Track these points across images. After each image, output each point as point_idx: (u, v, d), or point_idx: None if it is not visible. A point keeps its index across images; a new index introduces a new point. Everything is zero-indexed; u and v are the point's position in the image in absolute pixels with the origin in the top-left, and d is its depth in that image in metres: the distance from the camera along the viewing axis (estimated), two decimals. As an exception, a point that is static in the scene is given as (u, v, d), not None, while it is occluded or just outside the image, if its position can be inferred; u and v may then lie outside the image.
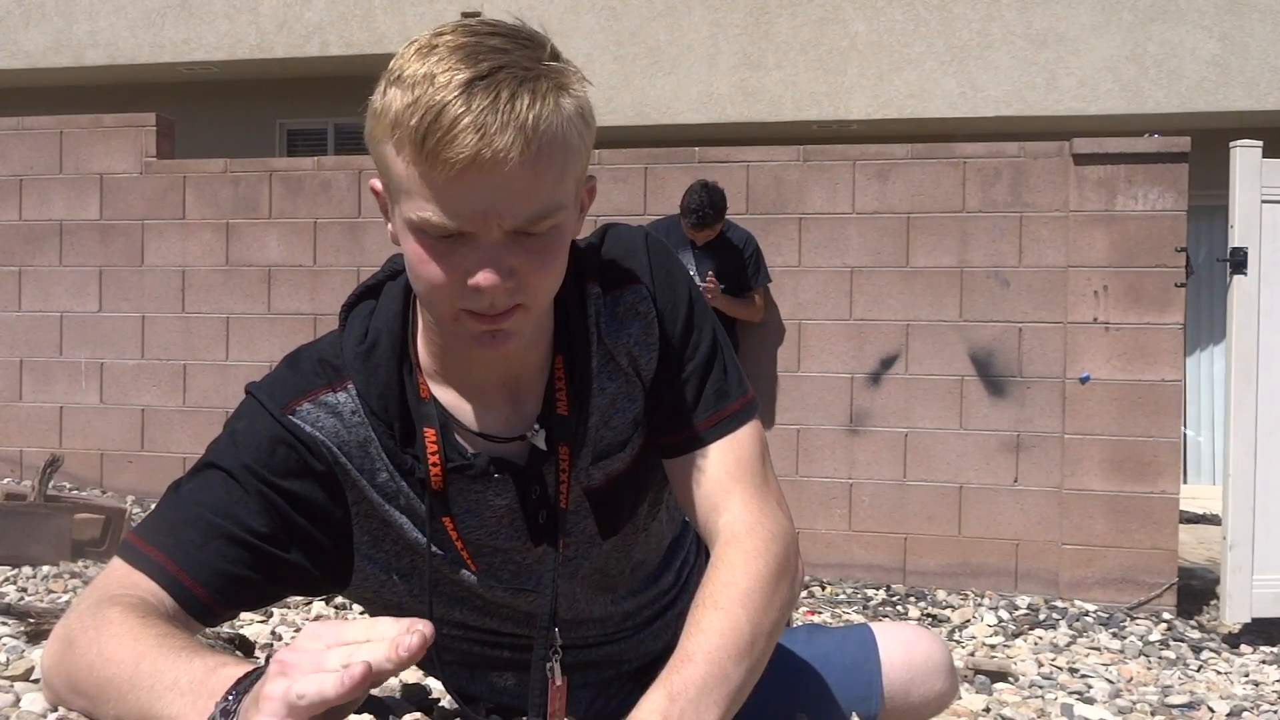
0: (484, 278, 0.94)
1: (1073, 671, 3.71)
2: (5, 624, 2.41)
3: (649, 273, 1.13)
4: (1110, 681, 3.57)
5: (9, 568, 3.95)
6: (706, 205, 4.62)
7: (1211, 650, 4.16)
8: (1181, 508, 4.83)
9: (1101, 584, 4.64)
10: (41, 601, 3.49)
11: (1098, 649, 4.04)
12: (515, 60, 0.92)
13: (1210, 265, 7.28)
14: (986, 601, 4.60)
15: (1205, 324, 8.05)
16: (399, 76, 0.92)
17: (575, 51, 6.72)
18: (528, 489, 1.10)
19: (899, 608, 4.50)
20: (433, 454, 1.06)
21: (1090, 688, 3.46)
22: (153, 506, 1.09)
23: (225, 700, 0.79)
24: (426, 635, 0.71)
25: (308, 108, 8.71)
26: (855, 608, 4.45)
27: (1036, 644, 4.05)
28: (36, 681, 1.43)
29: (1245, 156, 4.37)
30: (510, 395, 1.10)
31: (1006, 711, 2.99)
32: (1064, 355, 4.68)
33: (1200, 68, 7.49)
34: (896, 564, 4.86)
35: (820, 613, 4.32)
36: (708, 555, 1.06)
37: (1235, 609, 4.37)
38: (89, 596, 0.98)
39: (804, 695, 1.32)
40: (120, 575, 1.00)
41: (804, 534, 4.70)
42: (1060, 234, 4.70)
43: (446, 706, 1.31)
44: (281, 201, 5.35)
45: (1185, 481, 7.53)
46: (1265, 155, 4.38)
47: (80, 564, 4.07)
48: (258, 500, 1.03)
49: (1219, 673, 3.89)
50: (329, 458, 1.06)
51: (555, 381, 1.10)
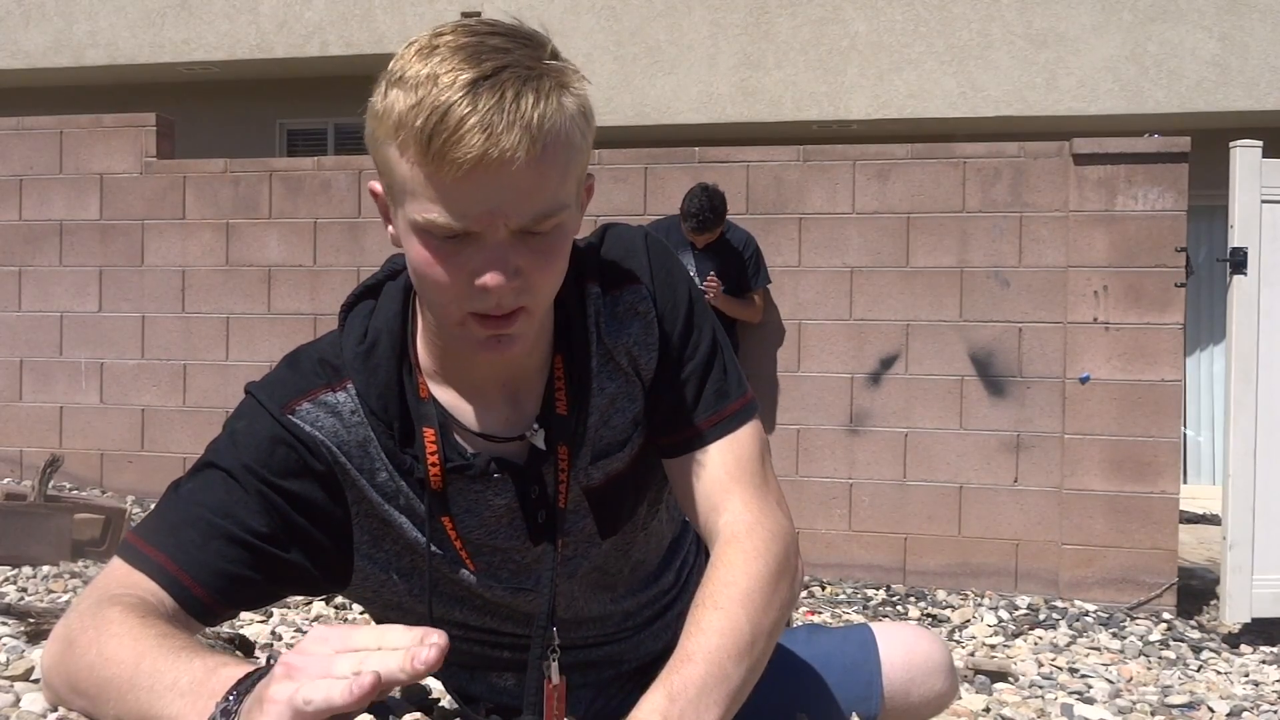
0: (491, 278, 0.93)
1: (1073, 671, 3.70)
2: (5, 624, 2.41)
3: (649, 273, 1.12)
4: (1110, 681, 3.57)
5: (9, 568, 3.95)
6: (707, 209, 4.62)
7: (1211, 650, 4.15)
8: (1181, 508, 4.83)
9: (1101, 584, 4.64)
10: (41, 601, 3.49)
11: (1098, 649, 4.04)
12: (518, 60, 0.91)
13: (1210, 265, 7.29)
14: (986, 601, 4.60)
15: (1205, 324, 8.04)
16: (400, 77, 0.92)
17: (575, 51, 6.71)
18: (527, 488, 1.10)
19: (899, 608, 4.50)
20: (432, 454, 1.06)
21: (1090, 688, 3.46)
22: (153, 506, 1.09)
23: (226, 700, 0.79)
24: (443, 647, 0.71)
25: (308, 108, 8.71)
26: (855, 608, 4.45)
27: (1036, 644, 4.05)
28: (36, 681, 1.43)
29: (1245, 156, 4.37)
30: (510, 395, 1.10)
31: (1006, 711, 2.99)
32: (1064, 355, 4.68)
33: (1200, 68, 7.49)
34: (896, 564, 4.86)
35: (820, 613, 4.32)
36: (708, 555, 1.06)
37: (1235, 609, 4.37)
38: (89, 596, 0.98)
39: (804, 695, 1.32)
40: (120, 575, 1.00)
41: (804, 534, 4.70)
42: (1060, 234, 4.70)
43: (446, 706, 1.31)
44: (281, 201, 5.35)
45: (1185, 481, 7.53)
46: (1265, 155, 4.39)
47: (80, 564, 4.07)
48: (257, 500, 1.03)
49: (1219, 673, 3.89)
50: (329, 457, 1.06)
51: (555, 381, 1.10)
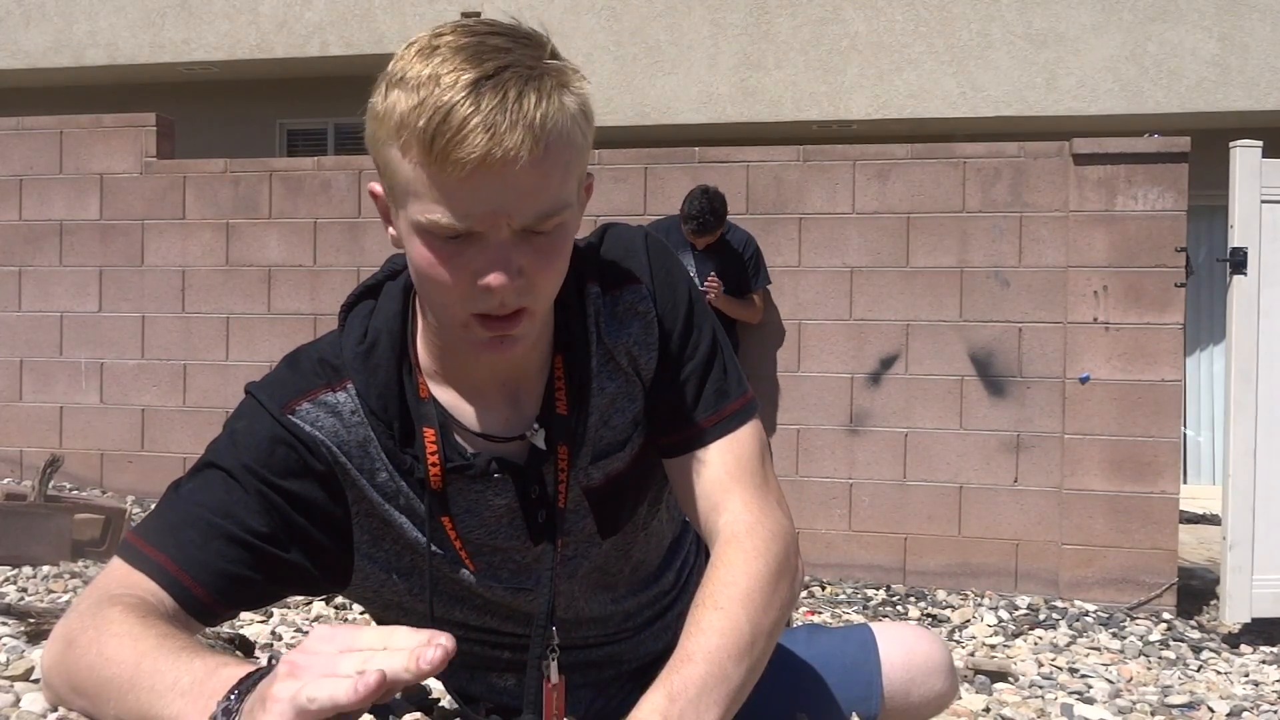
0: (495, 278, 0.94)
1: (1073, 671, 3.70)
2: (5, 624, 2.41)
3: (649, 272, 1.12)
4: (1110, 681, 3.57)
5: (9, 568, 3.95)
6: (707, 212, 4.62)
7: (1211, 650, 4.15)
8: (1181, 508, 4.83)
9: (1101, 584, 4.64)
10: (41, 601, 3.49)
11: (1098, 649, 4.04)
12: (519, 59, 0.91)
13: (1210, 265, 7.28)
14: (986, 601, 4.60)
15: (1205, 324, 8.04)
16: (401, 78, 0.92)
17: (575, 51, 6.71)
18: (527, 488, 1.10)
19: (899, 608, 4.50)
20: (432, 454, 1.06)
21: (1090, 688, 3.46)
22: (153, 506, 1.09)
23: (227, 700, 0.79)
24: (449, 649, 0.70)
25: (308, 108, 8.70)
26: (855, 608, 4.45)
27: (1036, 644, 4.05)
28: (36, 681, 1.43)
29: (1245, 156, 4.37)
30: (510, 395, 1.10)
31: (1006, 711, 2.99)
32: (1064, 355, 4.68)
33: (1200, 68, 7.49)
34: (896, 564, 4.86)
35: (820, 613, 4.32)
36: (708, 555, 1.06)
37: (1235, 609, 4.37)
38: (89, 596, 0.98)
39: (804, 695, 1.32)
40: (120, 575, 1.00)
41: (804, 534, 4.70)
42: (1060, 234, 4.70)
43: (446, 706, 1.31)
44: (281, 201, 5.35)
45: (1185, 481, 7.53)
46: (1265, 155, 4.38)
47: (80, 564, 4.07)
48: (257, 500, 1.03)
49: (1219, 673, 3.89)
50: (329, 457, 1.06)
51: (555, 381, 1.10)
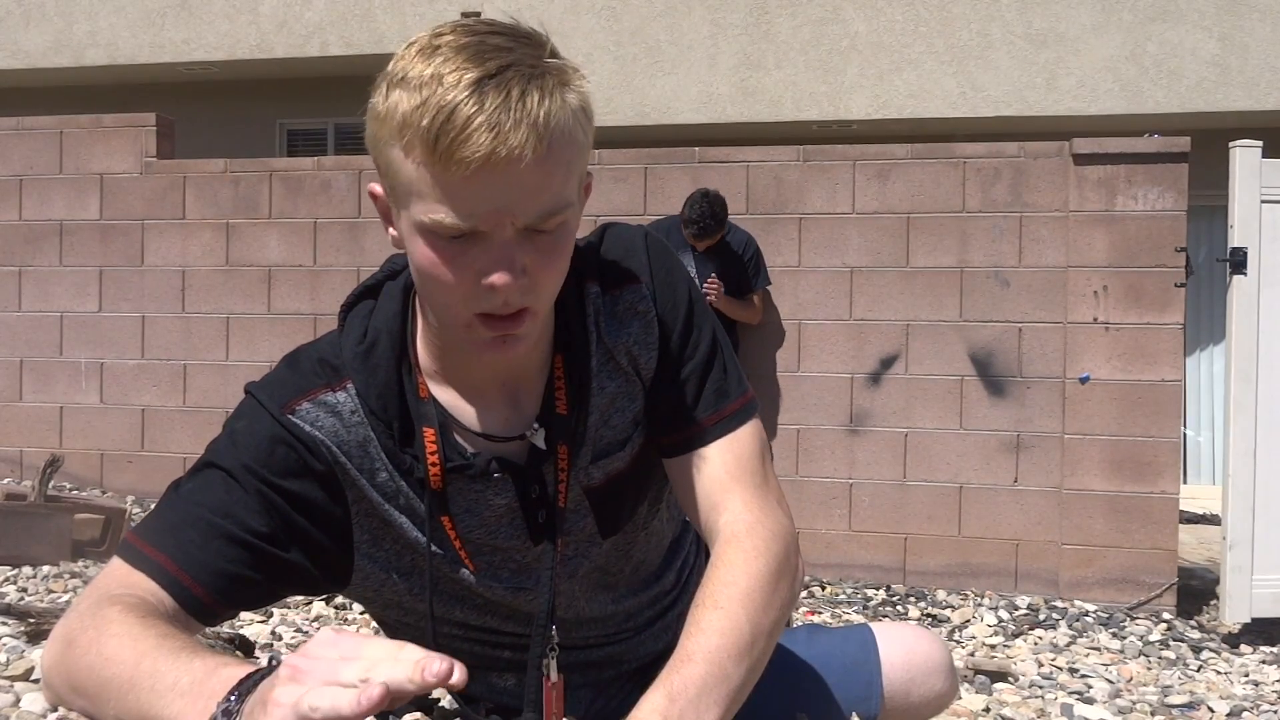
0: (499, 278, 0.94)
1: (1073, 671, 3.70)
2: (5, 624, 2.41)
3: (649, 272, 1.12)
4: (1110, 681, 3.57)
5: (9, 568, 3.95)
6: (708, 216, 4.62)
7: (1211, 650, 4.15)
8: (1181, 508, 4.83)
9: (1101, 584, 4.64)
10: (41, 601, 3.49)
11: (1098, 649, 4.04)
12: (520, 58, 0.91)
13: (1210, 265, 7.29)
14: (986, 601, 4.60)
15: (1205, 324, 8.04)
16: (403, 78, 0.92)
17: (575, 51, 6.71)
18: (527, 488, 1.10)
19: (899, 608, 4.50)
20: (432, 454, 1.06)
21: (1090, 688, 3.46)
22: (153, 506, 1.09)
23: (227, 700, 0.79)
24: (460, 667, 0.69)
25: (308, 108, 8.70)
26: (855, 608, 4.45)
27: (1036, 644, 4.05)
28: (36, 681, 1.43)
29: (1245, 156, 4.37)
30: (509, 395, 1.10)
31: (1006, 711, 2.99)
32: (1064, 355, 4.68)
33: (1200, 68, 7.49)
34: (896, 564, 4.86)
35: (820, 613, 4.32)
36: (708, 555, 1.06)
37: (1235, 609, 4.37)
38: (89, 596, 0.98)
39: (804, 695, 1.32)
40: (120, 575, 1.00)
41: (804, 534, 4.70)
42: (1060, 234, 4.70)
43: (446, 706, 1.31)
44: (281, 201, 5.35)
45: (1185, 481, 7.53)
46: (1265, 155, 4.38)
47: (80, 564, 4.07)
48: (257, 500, 1.03)
49: (1219, 673, 3.89)
50: (328, 457, 1.06)
51: (555, 381, 1.10)
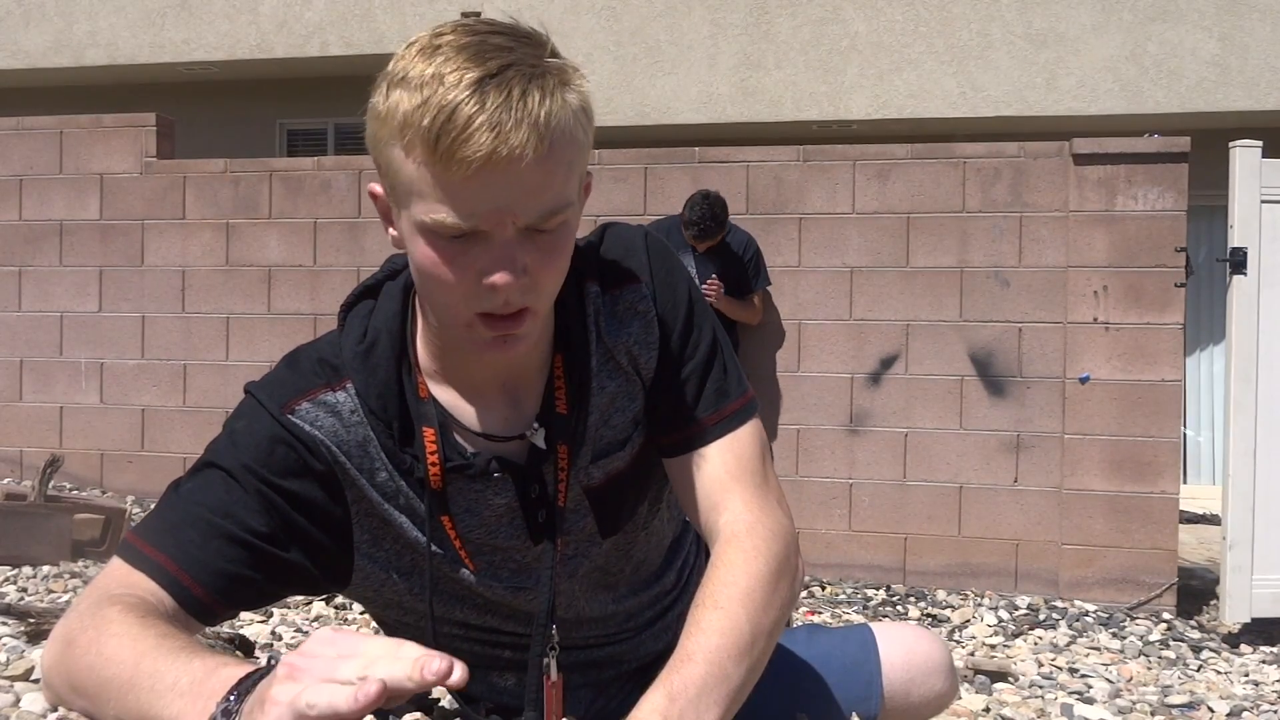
0: (500, 277, 0.94)
1: (1073, 671, 3.70)
2: (5, 624, 2.41)
3: (649, 272, 1.12)
4: (1110, 681, 3.57)
5: (9, 568, 3.95)
6: (708, 217, 4.62)
7: (1211, 650, 4.15)
8: (1181, 508, 4.83)
9: (1101, 584, 4.64)
10: (41, 601, 3.49)
11: (1098, 649, 4.04)
12: (521, 58, 0.92)
13: (1210, 265, 7.28)
14: (986, 601, 4.60)
15: (1205, 324, 8.04)
16: (403, 78, 0.92)
17: (575, 51, 6.73)
18: (527, 488, 1.10)
19: (899, 608, 4.50)
20: (432, 453, 1.06)
21: (1090, 688, 3.46)
22: (153, 506, 1.09)
23: (226, 700, 0.79)
24: (460, 666, 0.69)
25: (308, 108, 8.70)
26: (855, 608, 4.45)
27: (1036, 644, 4.05)
28: (36, 681, 1.43)
29: (1245, 156, 4.37)
30: (509, 394, 1.10)
31: (1006, 711, 2.99)
32: (1064, 355, 4.68)
33: (1200, 68, 7.49)
34: (896, 564, 4.86)
35: (820, 613, 4.32)
36: (708, 555, 1.06)
37: (1235, 609, 4.37)
38: (89, 596, 0.98)
39: (804, 695, 1.32)
40: (120, 575, 1.00)
41: (804, 534, 4.70)
42: (1060, 234, 4.70)
43: (446, 706, 1.31)
44: (281, 201, 5.35)
45: (1185, 481, 7.53)
46: (1265, 155, 4.38)
47: (80, 564, 4.07)
48: (257, 500, 1.03)
49: (1219, 673, 3.89)
50: (328, 457, 1.06)
51: (555, 380, 1.10)
